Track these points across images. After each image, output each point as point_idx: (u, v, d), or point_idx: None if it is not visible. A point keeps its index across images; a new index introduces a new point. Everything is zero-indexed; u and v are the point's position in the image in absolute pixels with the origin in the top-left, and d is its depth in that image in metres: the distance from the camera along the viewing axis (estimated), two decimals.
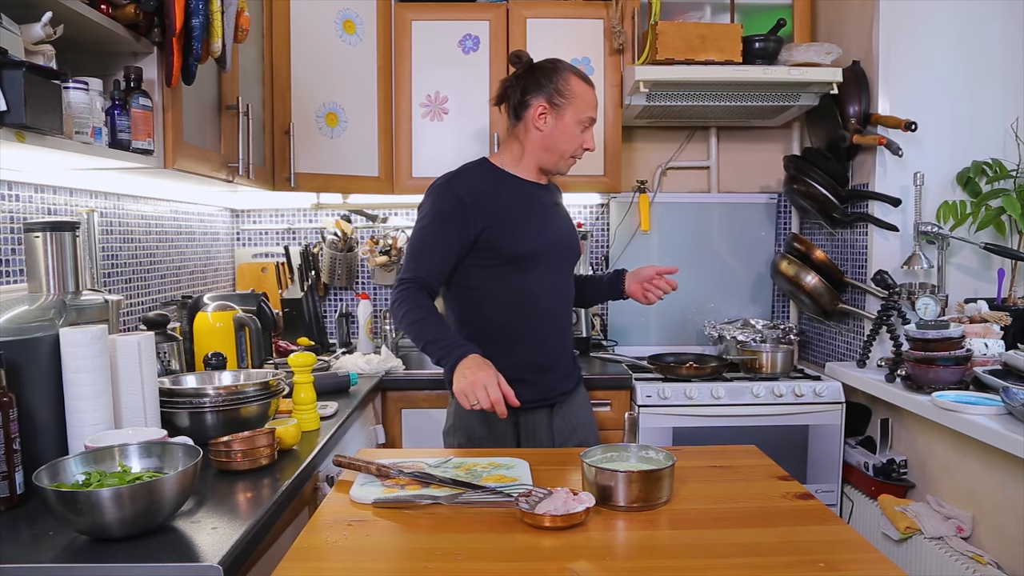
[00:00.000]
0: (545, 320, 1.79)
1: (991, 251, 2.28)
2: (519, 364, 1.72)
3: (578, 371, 1.92)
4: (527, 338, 1.76)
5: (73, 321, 1.40)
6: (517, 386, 1.65)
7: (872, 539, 2.12)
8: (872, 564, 1.01)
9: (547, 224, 1.78)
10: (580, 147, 1.78)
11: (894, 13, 2.38)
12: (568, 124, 1.74)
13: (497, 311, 1.75)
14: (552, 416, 1.81)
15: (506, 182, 1.78)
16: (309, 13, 2.46)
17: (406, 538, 1.10)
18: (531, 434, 1.79)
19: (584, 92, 1.77)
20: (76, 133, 1.34)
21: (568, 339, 1.88)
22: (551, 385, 1.80)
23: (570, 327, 1.89)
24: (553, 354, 1.81)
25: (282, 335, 2.72)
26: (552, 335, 1.81)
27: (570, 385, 1.86)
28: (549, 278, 1.79)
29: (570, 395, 1.85)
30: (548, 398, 1.80)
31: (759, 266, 3.01)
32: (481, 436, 1.76)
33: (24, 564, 1.00)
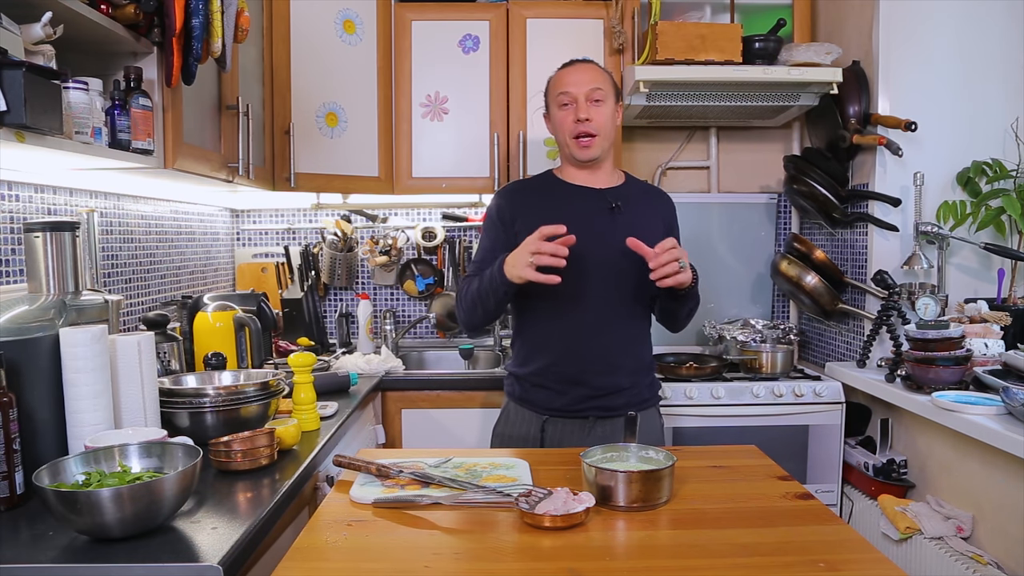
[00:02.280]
0: (573, 332, 1.72)
1: (991, 251, 2.28)
2: (543, 371, 1.74)
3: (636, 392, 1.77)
4: (553, 347, 1.74)
5: (73, 321, 1.40)
6: (542, 392, 1.74)
7: (872, 539, 2.12)
8: (872, 564, 1.01)
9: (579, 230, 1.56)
10: (572, 124, 1.72)
11: (894, 13, 2.38)
12: (554, 114, 1.77)
13: (529, 317, 1.79)
14: (587, 432, 1.73)
15: (550, 188, 1.80)
16: (309, 13, 2.46)
17: (406, 538, 1.10)
18: (555, 444, 1.73)
19: (555, 77, 1.77)
20: (76, 133, 1.34)
21: (610, 356, 1.73)
22: (579, 399, 1.72)
23: (612, 344, 1.73)
24: (585, 368, 1.71)
25: (282, 335, 2.72)
26: (585, 348, 1.71)
27: (615, 403, 1.73)
28: (579, 287, 1.69)
29: (616, 416, 1.73)
30: (580, 411, 1.73)
31: (759, 266, 3.01)
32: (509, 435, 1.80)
33: (24, 564, 1.00)
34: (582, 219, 1.68)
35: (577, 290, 1.69)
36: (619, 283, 1.72)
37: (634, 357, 1.78)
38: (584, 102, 1.70)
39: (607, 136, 1.75)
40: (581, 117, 1.70)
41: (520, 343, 1.81)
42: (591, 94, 1.70)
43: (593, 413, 1.73)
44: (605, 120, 1.73)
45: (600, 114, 1.72)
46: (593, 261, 1.68)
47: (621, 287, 1.73)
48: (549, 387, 1.74)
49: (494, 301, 1.66)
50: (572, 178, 1.79)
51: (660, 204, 1.85)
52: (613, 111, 1.76)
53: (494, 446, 1.84)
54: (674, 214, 1.87)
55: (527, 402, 1.78)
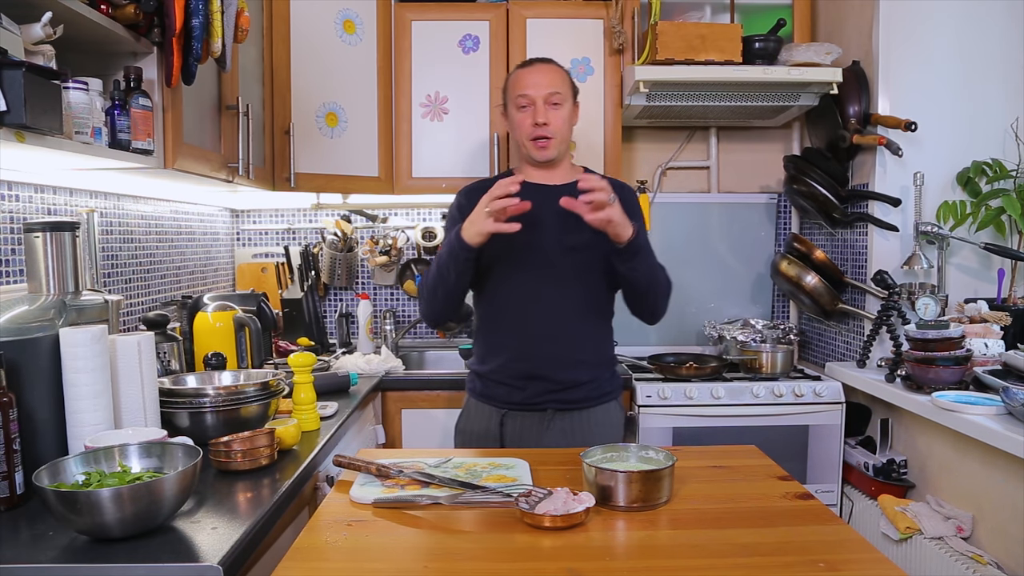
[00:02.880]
0: (532, 327, 1.75)
1: (991, 251, 2.28)
2: (502, 368, 1.78)
3: (597, 386, 1.79)
4: (508, 344, 1.78)
5: (73, 321, 1.40)
6: (501, 389, 1.77)
7: (872, 539, 2.12)
8: (872, 564, 1.01)
9: (529, 226, 1.61)
10: (530, 127, 1.74)
11: (894, 13, 2.38)
12: (512, 115, 1.79)
13: (486, 314, 1.83)
14: (546, 425, 1.76)
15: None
16: (309, 13, 2.46)
17: (406, 538, 1.10)
18: (515, 437, 1.77)
19: (514, 77, 1.80)
20: (76, 133, 1.34)
21: (568, 351, 1.75)
22: (538, 392, 1.75)
23: (571, 339, 1.75)
24: (544, 362, 1.74)
25: (282, 335, 2.72)
26: (539, 345, 1.74)
27: (574, 397, 1.76)
28: (529, 284, 1.73)
29: (576, 409, 1.77)
30: (538, 405, 1.76)
31: (759, 266, 3.01)
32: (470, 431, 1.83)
33: (24, 564, 1.00)
34: (538, 216, 1.67)
35: (535, 286, 1.73)
36: (577, 278, 1.74)
37: (594, 352, 1.80)
38: (543, 105, 1.73)
39: (563, 138, 1.78)
40: (539, 121, 1.73)
41: (480, 341, 1.86)
42: (549, 97, 1.73)
43: (552, 406, 1.76)
44: (562, 122, 1.76)
45: (557, 117, 1.74)
46: (550, 257, 1.71)
47: (579, 281, 1.75)
48: (508, 383, 1.77)
49: (454, 272, 1.66)
50: (529, 177, 1.80)
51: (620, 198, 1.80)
52: (570, 112, 1.79)
53: (456, 444, 1.88)
54: (635, 205, 1.85)
55: (487, 398, 1.82)
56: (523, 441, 1.76)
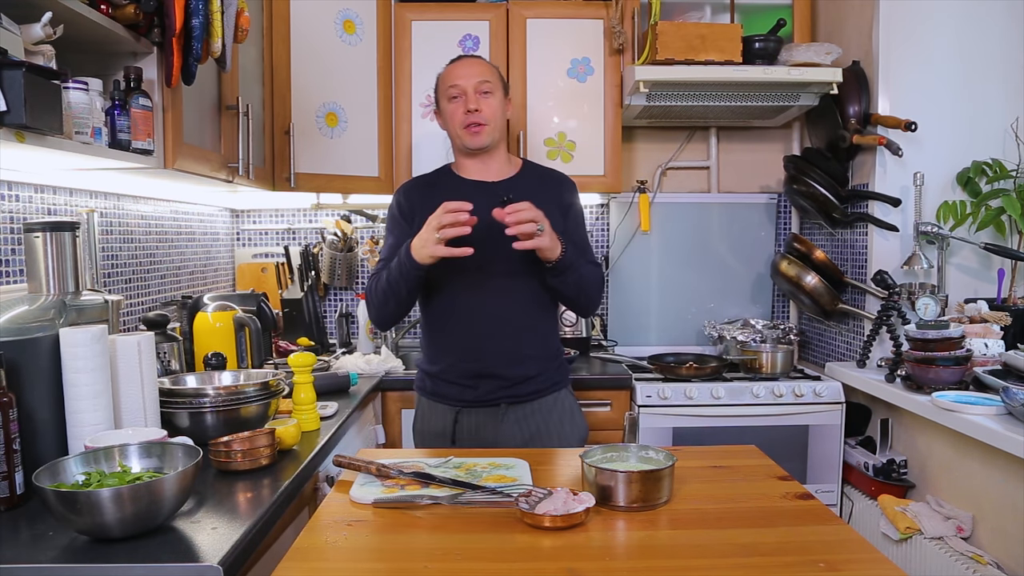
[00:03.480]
0: (472, 327, 1.77)
1: (991, 251, 2.28)
2: (451, 368, 1.81)
3: (546, 378, 1.83)
4: (456, 345, 1.81)
5: (73, 321, 1.40)
6: (452, 388, 1.80)
7: (872, 539, 2.12)
8: (872, 564, 1.01)
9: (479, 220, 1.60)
10: (462, 115, 1.77)
11: (894, 13, 2.38)
12: (444, 107, 1.83)
13: (432, 315, 1.85)
14: (500, 418, 1.79)
15: (445, 183, 1.86)
16: (309, 13, 2.46)
17: (406, 538, 1.10)
18: (471, 433, 1.79)
19: (445, 72, 1.84)
20: (76, 133, 1.34)
21: (516, 348, 1.78)
22: (490, 390, 1.78)
23: (517, 336, 1.78)
24: (488, 364, 1.77)
25: (282, 335, 2.72)
26: (486, 344, 1.76)
27: (525, 391, 1.79)
28: (472, 284, 1.75)
29: (528, 401, 1.80)
30: (491, 401, 1.79)
31: (759, 266, 3.01)
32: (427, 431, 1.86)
33: (24, 564, 1.00)
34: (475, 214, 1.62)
35: (476, 285, 1.76)
36: (516, 275, 1.75)
37: (540, 346, 1.83)
38: (473, 93, 1.77)
39: (497, 126, 1.80)
40: (471, 108, 1.76)
41: (427, 341, 1.88)
42: (479, 86, 1.77)
43: (505, 401, 1.79)
44: (494, 110, 1.79)
45: (489, 105, 1.78)
46: (488, 255, 1.69)
47: (519, 279, 1.76)
48: (459, 382, 1.80)
49: (406, 289, 1.70)
50: (466, 172, 1.85)
51: (555, 188, 1.85)
52: (502, 103, 1.82)
53: (416, 445, 1.92)
54: (572, 196, 1.87)
55: (439, 396, 1.84)
56: (479, 435, 1.80)
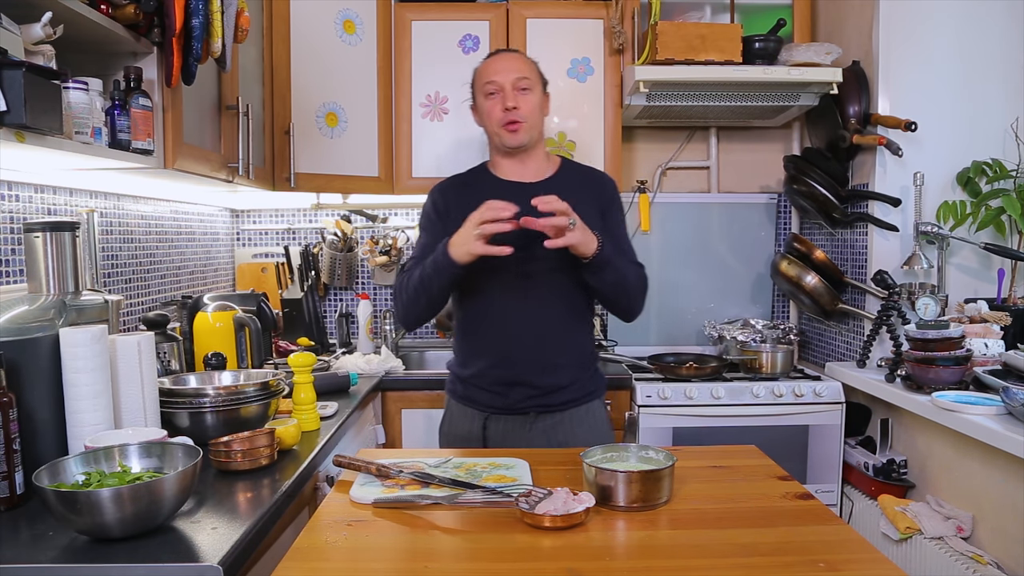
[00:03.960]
0: (510, 334, 1.71)
1: (991, 251, 2.28)
2: (483, 374, 1.75)
3: (579, 387, 1.76)
4: (488, 350, 1.74)
5: (73, 321, 1.40)
6: (483, 394, 1.75)
7: (872, 539, 2.12)
8: (872, 564, 1.01)
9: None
10: (500, 113, 1.70)
11: (894, 13, 2.38)
12: (481, 104, 1.76)
13: (466, 318, 1.79)
14: (530, 427, 1.74)
15: (481, 183, 1.79)
16: (309, 13, 2.46)
17: (406, 538, 1.10)
18: (499, 440, 1.74)
19: (480, 68, 1.78)
20: (76, 133, 1.34)
21: (549, 356, 1.72)
22: (520, 398, 1.72)
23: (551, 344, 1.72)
24: (520, 372, 1.71)
25: (282, 335, 2.72)
26: (523, 350, 1.71)
27: (557, 400, 1.74)
28: (507, 288, 1.69)
29: (559, 410, 1.75)
30: (521, 409, 1.73)
31: (759, 266, 3.01)
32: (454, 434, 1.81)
33: (24, 564, 1.00)
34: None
35: (512, 290, 1.69)
36: (552, 280, 1.70)
37: (574, 354, 1.77)
38: (511, 90, 1.70)
39: (534, 123, 1.73)
40: (508, 105, 1.69)
41: (460, 344, 1.82)
42: (517, 83, 1.71)
43: (534, 409, 1.74)
44: (532, 108, 1.72)
45: (527, 102, 1.71)
46: (525, 259, 1.62)
47: (554, 284, 1.70)
48: (490, 389, 1.74)
49: (438, 286, 1.64)
50: (503, 172, 1.78)
51: (595, 190, 1.78)
52: (540, 100, 1.76)
53: (442, 446, 1.86)
54: (613, 197, 1.80)
55: (469, 401, 1.79)
56: (506, 442, 1.74)
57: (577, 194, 1.67)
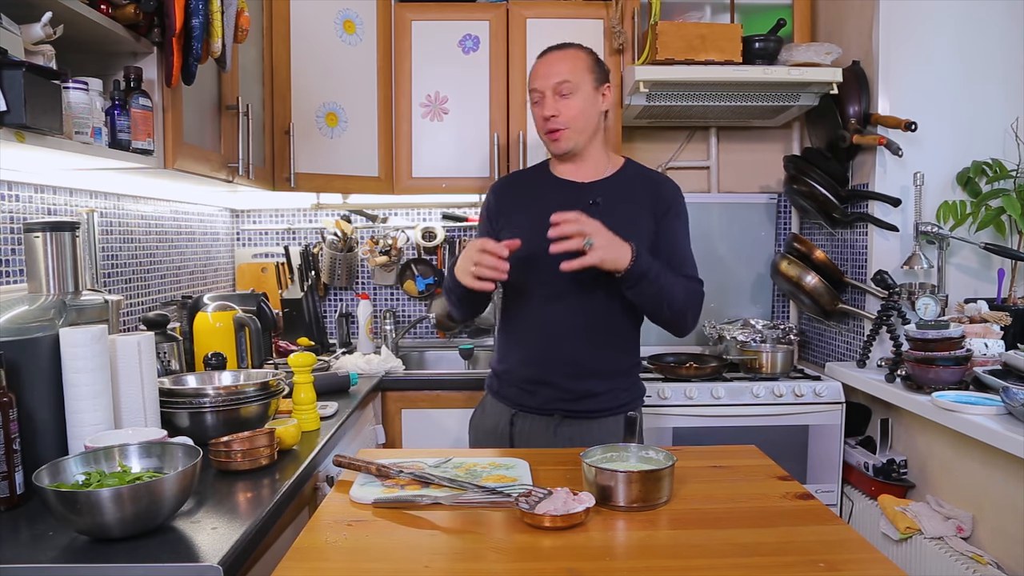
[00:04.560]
0: (539, 333, 1.69)
1: (991, 251, 2.28)
2: (514, 370, 1.74)
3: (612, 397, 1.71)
4: (522, 347, 1.73)
5: (73, 321, 1.40)
6: (512, 390, 1.73)
7: (872, 539, 2.12)
8: (872, 564, 1.01)
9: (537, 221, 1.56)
10: (542, 121, 1.67)
11: (894, 13, 2.38)
12: (531, 109, 1.73)
13: (507, 313, 1.78)
14: (554, 429, 1.70)
15: (538, 181, 1.77)
16: (309, 13, 2.46)
17: (406, 538, 1.10)
18: (524, 439, 1.72)
19: (531, 70, 1.73)
20: (76, 133, 1.34)
21: (579, 360, 1.67)
22: (547, 399, 1.70)
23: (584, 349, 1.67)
24: (547, 372, 1.68)
25: (282, 335, 2.72)
26: (555, 350, 1.67)
27: (585, 407, 1.69)
28: (548, 287, 1.65)
29: (586, 418, 1.70)
30: (547, 410, 1.71)
31: (759, 266, 3.01)
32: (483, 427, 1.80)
33: (24, 564, 1.00)
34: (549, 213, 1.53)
35: (551, 291, 1.66)
36: (594, 285, 1.62)
37: (610, 362, 1.71)
38: (551, 96, 1.65)
39: (580, 128, 1.67)
40: (547, 114, 1.66)
41: (500, 340, 1.82)
42: (558, 88, 1.64)
43: (560, 412, 1.70)
44: (575, 112, 1.65)
45: (569, 107, 1.65)
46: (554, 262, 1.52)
47: (597, 289, 1.63)
48: (519, 386, 1.73)
49: (455, 298, 1.70)
50: (559, 171, 1.75)
51: (653, 194, 1.72)
52: (589, 98, 1.67)
53: (470, 439, 1.86)
54: (671, 204, 1.72)
55: (501, 396, 1.78)
56: (531, 443, 1.71)
57: (630, 197, 1.66)
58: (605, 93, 1.72)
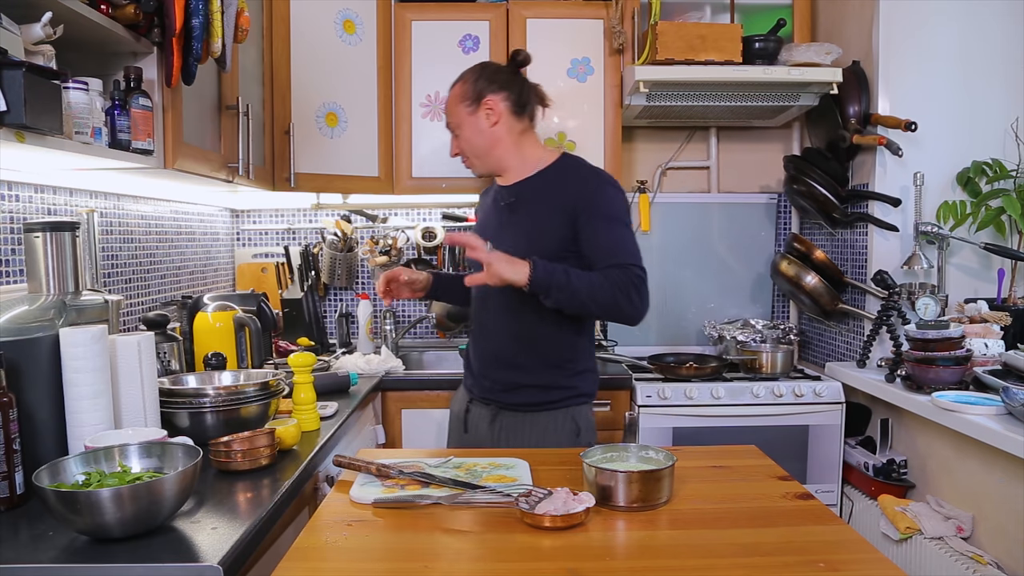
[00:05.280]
0: (480, 328, 1.84)
1: (991, 251, 2.28)
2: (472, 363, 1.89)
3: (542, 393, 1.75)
4: (473, 341, 1.90)
5: (73, 321, 1.40)
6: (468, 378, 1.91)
7: (872, 539, 2.12)
8: (872, 564, 1.01)
9: (484, 229, 1.83)
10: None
11: (894, 13, 2.38)
12: None
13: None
14: (491, 420, 1.80)
15: (491, 188, 1.93)
16: (309, 13, 2.46)
17: (406, 538, 1.10)
18: (475, 427, 1.85)
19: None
20: (76, 133, 1.34)
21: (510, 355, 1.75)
22: (488, 388, 1.81)
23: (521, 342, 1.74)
24: (487, 362, 1.81)
25: (282, 335, 2.72)
26: (486, 345, 1.81)
27: (517, 400, 1.75)
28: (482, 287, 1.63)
29: (518, 412, 1.76)
30: (487, 400, 1.82)
31: (759, 266, 3.01)
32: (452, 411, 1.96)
33: (24, 564, 1.00)
34: (487, 219, 1.85)
35: (482, 290, 1.79)
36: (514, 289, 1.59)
37: (539, 355, 1.74)
38: (452, 136, 1.83)
39: (477, 153, 1.79)
40: (452, 153, 1.85)
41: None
42: (449, 127, 1.82)
43: (496, 403, 1.80)
44: (466, 143, 1.79)
45: (462, 142, 1.80)
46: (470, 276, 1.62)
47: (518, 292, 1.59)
48: (473, 376, 1.88)
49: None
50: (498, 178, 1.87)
51: (571, 191, 1.69)
52: (471, 125, 1.76)
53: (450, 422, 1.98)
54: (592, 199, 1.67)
55: (464, 384, 1.94)
56: (478, 430, 1.84)
57: (544, 196, 1.72)
58: (490, 108, 1.76)
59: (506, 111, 1.75)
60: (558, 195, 1.70)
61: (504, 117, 1.75)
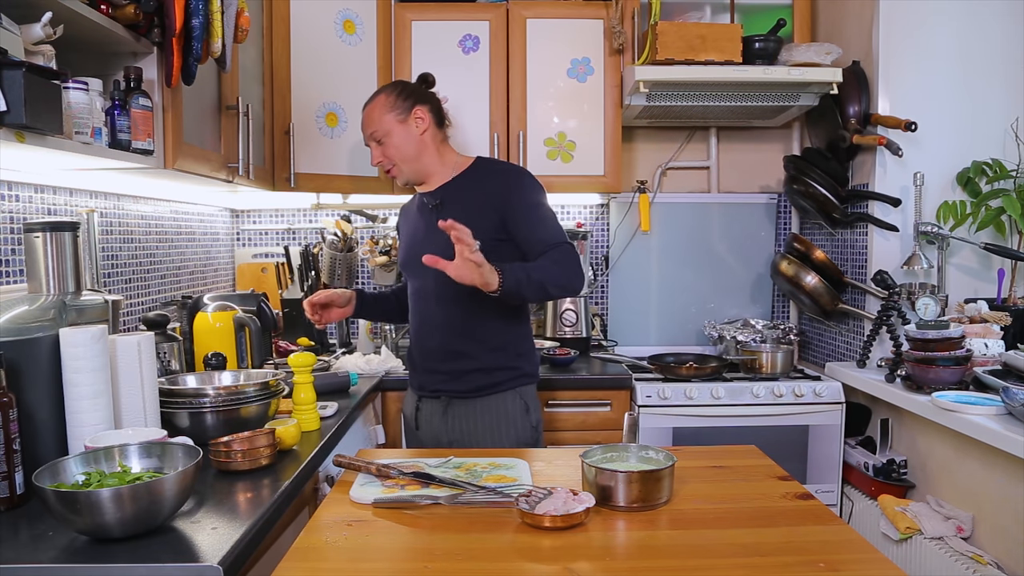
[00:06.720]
0: (422, 324, 1.91)
1: (991, 251, 2.28)
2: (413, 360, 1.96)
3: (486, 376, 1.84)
4: (413, 337, 1.96)
5: (73, 321, 1.40)
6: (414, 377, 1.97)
7: (872, 539, 2.12)
8: (872, 564, 1.01)
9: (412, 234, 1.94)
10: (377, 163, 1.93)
11: (894, 13, 2.38)
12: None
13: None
14: (445, 412, 1.88)
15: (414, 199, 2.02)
16: (309, 13, 2.46)
17: (406, 538, 1.10)
18: (428, 423, 1.92)
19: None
20: (76, 133, 1.34)
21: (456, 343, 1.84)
22: (429, 380, 1.90)
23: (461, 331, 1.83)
24: (433, 356, 1.88)
25: (282, 335, 2.72)
26: (430, 339, 1.89)
27: (464, 387, 1.85)
28: (418, 286, 1.90)
29: (468, 398, 1.86)
30: (436, 393, 1.89)
31: (759, 266, 3.01)
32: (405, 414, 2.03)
33: (24, 564, 1.00)
34: (414, 224, 1.94)
35: (418, 288, 1.91)
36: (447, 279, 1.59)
37: (481, 341, 1.85)
38: (374, 144, 1.89)
39: (405, 160, 1.87)
40: (374, 161, 1.91)
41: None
42: (373, 136, 1.88)
43: (446, 394, 1.88)
44: (393, 151, 1.86)
45: (387, 149, 1.87)
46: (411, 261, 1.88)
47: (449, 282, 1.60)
48: (416, 371, 1.95)
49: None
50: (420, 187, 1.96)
51: (493, 186, 1.82)
52: (400, 133, 1.85)
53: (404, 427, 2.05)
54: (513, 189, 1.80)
55: (410, 385, 2.01)
56: (432, 427, 1.91)
57: (468, 195, 1.85)
58: (420, 116, 1.87)
59: (431, 121, 1.90)
60: (481, 192, 1.84)
61: (431, 126, 1.89)
